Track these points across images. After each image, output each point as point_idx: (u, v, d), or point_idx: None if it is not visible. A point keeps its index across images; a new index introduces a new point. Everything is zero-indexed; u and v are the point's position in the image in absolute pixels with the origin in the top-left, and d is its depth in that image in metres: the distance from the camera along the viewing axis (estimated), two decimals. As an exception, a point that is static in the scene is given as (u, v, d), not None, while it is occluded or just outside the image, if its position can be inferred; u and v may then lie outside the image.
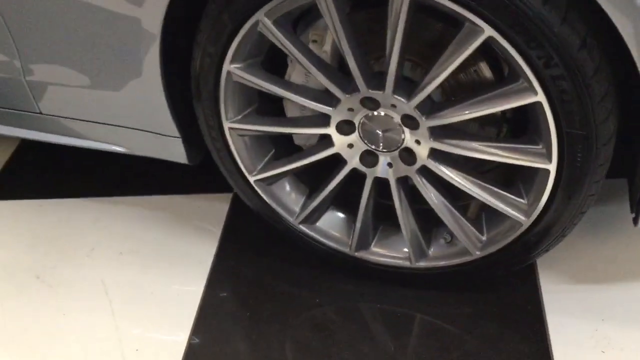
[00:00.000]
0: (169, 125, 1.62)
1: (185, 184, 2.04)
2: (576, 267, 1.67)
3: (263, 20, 1.33)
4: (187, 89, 1.54)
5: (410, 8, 1.23)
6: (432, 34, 1.39)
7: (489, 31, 1.20)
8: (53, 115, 1.75)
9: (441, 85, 1.39)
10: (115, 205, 2.01)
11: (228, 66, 1.42)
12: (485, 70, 1.41)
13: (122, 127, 1.71)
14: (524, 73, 1.23)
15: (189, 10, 1.42)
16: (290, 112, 1.57)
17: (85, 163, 2.12)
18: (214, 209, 1.96)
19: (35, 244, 1.92)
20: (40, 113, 1.76)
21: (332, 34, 1.32)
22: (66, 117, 1.75)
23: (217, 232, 1.90)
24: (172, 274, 1.80)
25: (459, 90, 1.44)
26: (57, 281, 1.81)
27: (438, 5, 1.21)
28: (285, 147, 1.64)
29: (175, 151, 1.70)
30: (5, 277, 1.83)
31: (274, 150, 1.62)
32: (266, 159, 1.61)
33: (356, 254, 1.65)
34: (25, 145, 2.24)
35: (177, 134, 1.65)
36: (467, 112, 1.33)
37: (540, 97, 1.24)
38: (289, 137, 1.64)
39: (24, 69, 1.64)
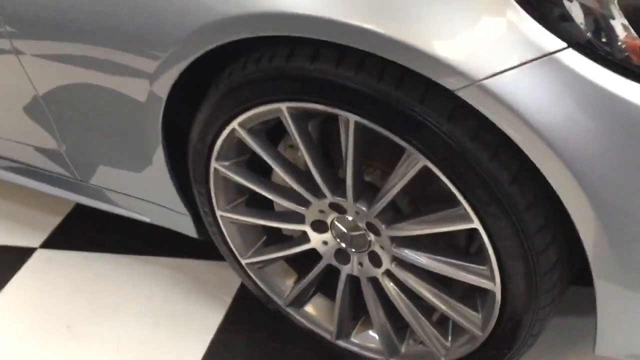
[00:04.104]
0: (178, 203, 1.79)
1: (211, 249, 2.18)
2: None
3: (237, 129, 1.46)
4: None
5: (357, 129, 1.32)
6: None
7: (423, 161, 1.27)
8: (90, 184, 1.98)
9: (410, 195, 1.45)
10: (146, 264, 2.20)
11: (214, 163, 1.56)
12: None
13: (143, 200, 1.90)
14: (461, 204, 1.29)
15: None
16: (277, 206, 1.69)
17: (128, 222, 2.33)
18: (230, 277, 2.08)
19: (74, 294, 2.13)
20: (80, 181, 1.99)
21: (296, 144, 1.43)
22: (100, 187, 1.96)
23: (228, 300, 2.04)
24: (178, 339, 1.94)
25: (426, 201, 1.51)
26: (82, 333, 2.00)
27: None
28: (275, 236, 1.75)
29: (186, 226, 1.87)
30: (39, 322, 2.05)
31: (265, 238, 1.75)
32: (257, 245, 1.74)
33: (337, 341, 1.73)
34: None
35: (186, 211, 1.81)
36: (418, 229, 1.40)
37: (477, 224, 1.29)
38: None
39: (61, 146, 1.87)
